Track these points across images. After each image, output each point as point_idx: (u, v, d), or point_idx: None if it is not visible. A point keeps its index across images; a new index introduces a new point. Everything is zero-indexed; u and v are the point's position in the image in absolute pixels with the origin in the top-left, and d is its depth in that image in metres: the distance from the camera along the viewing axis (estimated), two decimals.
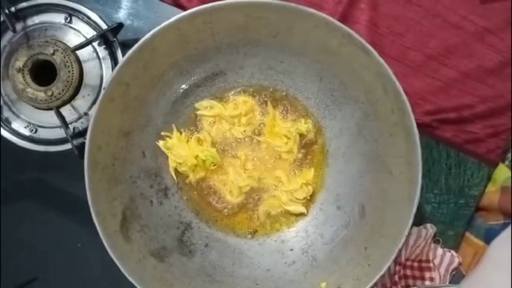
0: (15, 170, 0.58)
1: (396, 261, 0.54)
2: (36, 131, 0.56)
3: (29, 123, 0.56)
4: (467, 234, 0.57)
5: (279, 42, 0.49)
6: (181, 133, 0.52)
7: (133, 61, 0.45)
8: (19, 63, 0.53)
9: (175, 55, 0.48)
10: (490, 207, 0.56)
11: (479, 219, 0.57)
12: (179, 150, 0.51)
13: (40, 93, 0.53)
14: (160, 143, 0.52)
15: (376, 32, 0.59)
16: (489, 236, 0.54)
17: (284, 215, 0.53)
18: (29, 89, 0.53)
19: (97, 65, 0.55)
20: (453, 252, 0.55)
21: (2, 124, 0.56)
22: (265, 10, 0.45)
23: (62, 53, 0.53)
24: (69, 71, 0.54)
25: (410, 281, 0.53)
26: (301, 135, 0.52)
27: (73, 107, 0.55)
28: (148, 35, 0.44)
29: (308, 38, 0.47)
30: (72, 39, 0.55)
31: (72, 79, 0.54)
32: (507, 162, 0.58)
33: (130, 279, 0.44)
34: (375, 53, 0.43)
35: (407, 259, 0.55)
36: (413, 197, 0.43)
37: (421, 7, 0.59)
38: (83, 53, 0.55)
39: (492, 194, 0.57)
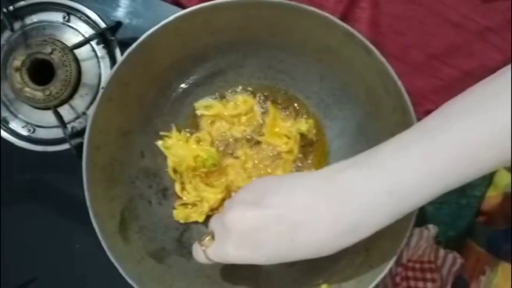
0: (13, 170, 0.57)
1: (398, 262, 0.54)
2: (34, 131, 0.55)
3: (27, 122, 0.55)
4: (468, 240, 0.57)
5: (279, 41, 0.48)
6: (180, 133, 0.52)
7: (131, 60, 0.45)
8: (17, 62, 0.52)
9: (174, 54, 0.48)
10: (491, 213, 0.56)
11: (479, 224, 0.57)
12: (178, 150, 0.51)
13: (38, 93, 0.53)
14: (159, 143, 0.51)
15: (377, 30, 0.58)
16: (491, 242, 0.53)
17: None
18: (27, 89, 0.52)
19: (96, 64, 0.55)
20: (455, 253, 0.54)
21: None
22: (265, 9, 0.44)
23: (60, 52, 0.53)
24: (67, 70, 0.53)
25: (412, 282, 0.53)
26: (302, 135, 0.52)
27: (71, 106, 0.55)
28: (146, 34, 0.44)
29: (309, 37, 0.46)
30: (70, 38, 0.55)
31: (70, 78, 0.53)
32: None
33: (129, 280, 0.43)
34: (377, 52, 0.43)
35: (408, 260, 0.54)
36: None
37: (422, 6, 0.58)
38: (81, 52, 0.55)
39: (493, 199, 0.56)
